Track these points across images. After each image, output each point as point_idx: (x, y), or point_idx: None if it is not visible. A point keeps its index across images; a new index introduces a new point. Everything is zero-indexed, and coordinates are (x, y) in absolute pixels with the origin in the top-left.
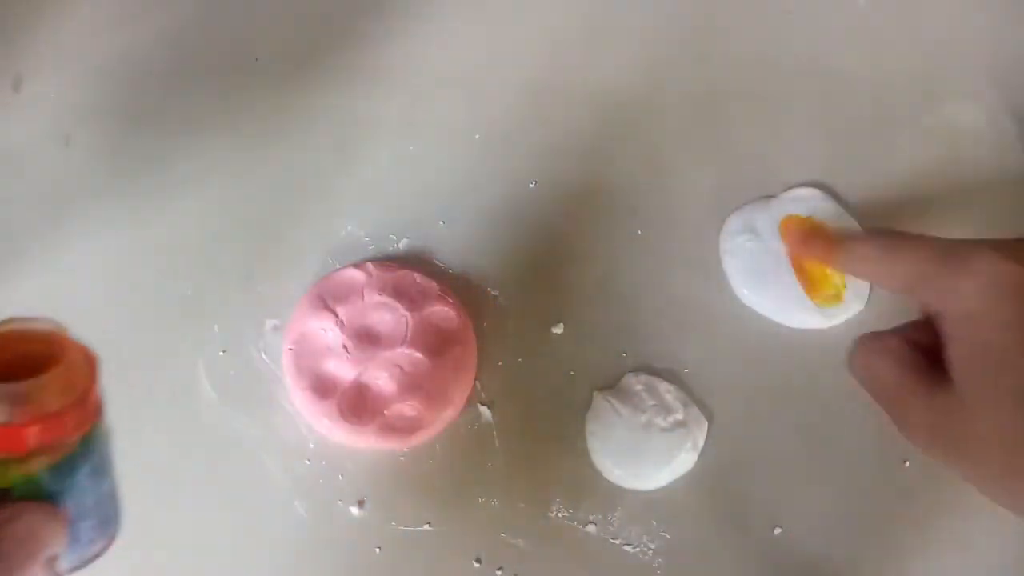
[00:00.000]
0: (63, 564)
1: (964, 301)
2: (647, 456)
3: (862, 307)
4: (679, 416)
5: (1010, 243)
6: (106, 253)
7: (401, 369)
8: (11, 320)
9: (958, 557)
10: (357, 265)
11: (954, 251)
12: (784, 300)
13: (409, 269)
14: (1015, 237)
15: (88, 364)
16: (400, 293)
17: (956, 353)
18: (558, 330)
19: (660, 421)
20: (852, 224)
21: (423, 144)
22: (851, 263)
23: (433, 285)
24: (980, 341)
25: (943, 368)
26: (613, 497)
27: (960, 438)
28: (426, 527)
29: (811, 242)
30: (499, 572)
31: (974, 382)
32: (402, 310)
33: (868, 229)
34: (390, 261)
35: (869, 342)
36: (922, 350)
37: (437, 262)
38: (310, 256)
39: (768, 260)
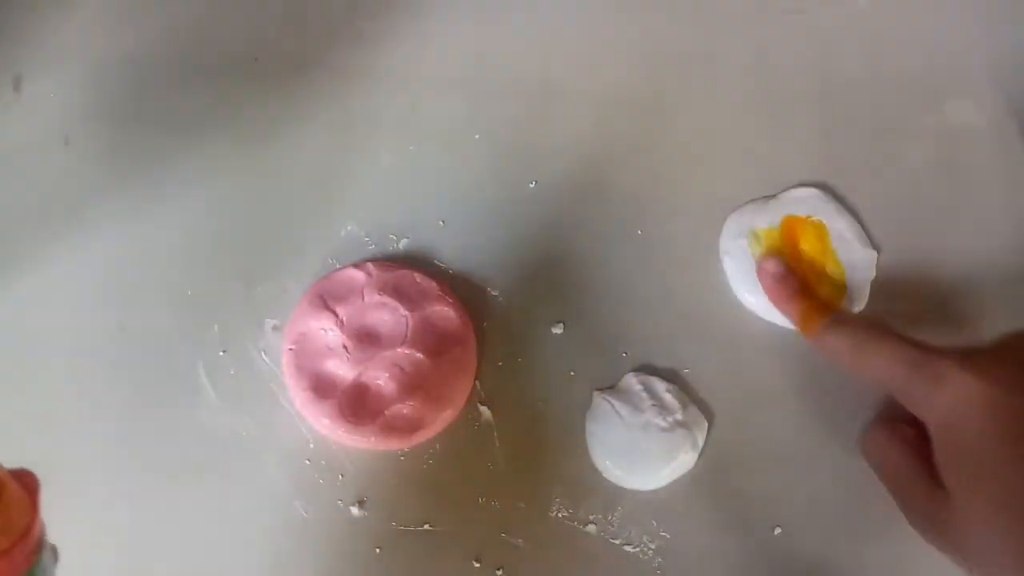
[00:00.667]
0: None
1: (940, 415)
2: (647, 456)
3: (861, 308)
4: (679, 416)
5: (976, 359)
6: (105, 253)
7: (401, 369)
8: None
9: None
10: (357, 265)
11: (926, 365)
12: None
13: (409, 269)
14: (981, 347)
15: (30, 496)
16: (400, 293)
17: (941, 458)
18: (558, 330)
19: (660, 421)
20: (852, 223)
21: (423, 144)
22: (823, 352)
23: (433, 285)
24: (960, 449)
25: None
26: (613, 497)
27: (952, 535)
28: (426, 527)
29: (787, 307)
30: (499, 572)
31: (959, 487)
32: (402, 310)
33: (838, 318)
34: (390, 261)
35: (884, 430)
36: (928, 441)
37: (437, 262)
38: (310, 256)
39: None
